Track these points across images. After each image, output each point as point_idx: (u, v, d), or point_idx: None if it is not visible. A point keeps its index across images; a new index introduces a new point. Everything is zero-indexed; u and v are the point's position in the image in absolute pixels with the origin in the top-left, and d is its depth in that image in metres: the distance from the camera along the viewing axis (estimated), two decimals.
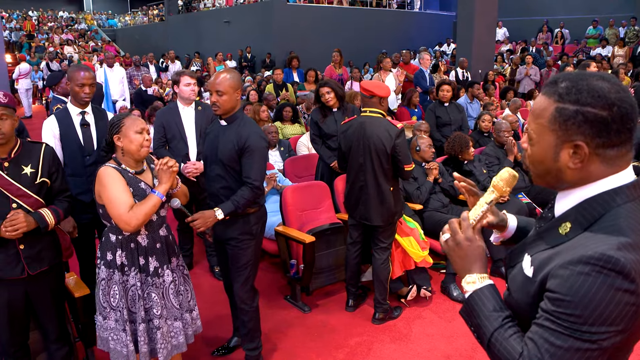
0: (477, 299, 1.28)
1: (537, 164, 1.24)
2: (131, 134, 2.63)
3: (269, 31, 16.98)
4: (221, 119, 3.14)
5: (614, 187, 1.15)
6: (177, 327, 2.82)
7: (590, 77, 1.15)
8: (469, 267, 1.33)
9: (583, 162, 1.15)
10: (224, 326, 3.73)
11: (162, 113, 4.51)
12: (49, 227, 2.70)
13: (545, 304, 1.12)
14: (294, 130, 6.82)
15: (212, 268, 4.80)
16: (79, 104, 3.59)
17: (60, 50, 20.73)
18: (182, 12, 23.82)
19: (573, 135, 1.14)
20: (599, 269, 1.04)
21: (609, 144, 1.13)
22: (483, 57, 10.98)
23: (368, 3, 19.42)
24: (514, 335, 1.20)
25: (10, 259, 2.64)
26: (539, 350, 1.11)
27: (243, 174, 3.06)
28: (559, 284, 1.09)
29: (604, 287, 1.04)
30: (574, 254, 1.09)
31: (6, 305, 2.71)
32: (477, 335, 1.28)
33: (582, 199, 1.18)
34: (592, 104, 1.11)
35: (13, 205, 2.61)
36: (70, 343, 3.08)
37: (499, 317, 1.23)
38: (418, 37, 18.75)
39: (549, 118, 1.17)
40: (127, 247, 2.70)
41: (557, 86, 1.17)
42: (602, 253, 1.05)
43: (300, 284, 4.18)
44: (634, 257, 1.04)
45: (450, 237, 1.37)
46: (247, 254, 3.16)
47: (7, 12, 28.32)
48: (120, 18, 33.45)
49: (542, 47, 15.43)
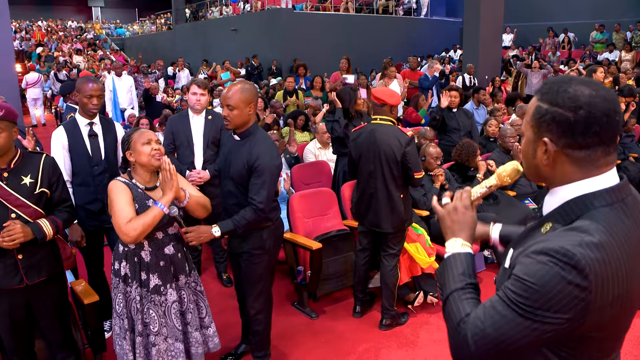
0: (453, 260, 1.37)
1: (524, 159, 1.33)
2: (139, 147, 2.67)
3: (276, 39, 17.06)
4: (235, 133, 3.09)
5: (593, 190, 1.21)
6: (178, 348, 2.78)
7: (574, 81, 1.21)
8: (457, 231, 1.41)
9: (549, 159, 1.23)
10: (233, 333, 3.74)
11: (173, 120, 4.56)
12: (47, 237, 2.70)
13: (506, 282, 1.21)
14: (304, 138, 6.86)
15: (220, 275, 4.82)
16: (87, 115, 3.63)
17: (69, 60, 20.90)
18: (189, 20, 24.01)
19: (544, 132, 1.22)
20: (556, 260, 1.11)
21: (575, 145, 1.19)
22: (490, 63, 10.98)
23: (374, 10, 19.46)
24: (469, 299, 1.28)
25: (8, 268, 2.66)
26: (484, 314, 1.20)
27: (249, 194, 2.97)
28: (520, 268, 1.17)
29: (556, 277, 1.11)
30: (539, 245, 1.17)
31: (7, 314, 2.73)
32: (442, 292, 1.36)
33: (564, 201, 1.24)
34: (560, 105, 1.18)
35: (12, 215, 2.62)
36: (77, 350, 3.10)
37: (463, 281, 1.32)
38: (425, 44, 18.76)
39: (531, 113, 1.26)
40: (131, 259, 2.72)
41: (544, 86, 1.26)
42: (562, 247, 1.12)
43: (307, 290, 4.19)
44: (594, 256, 1.10)
45: (450, 202, 1.45)
46: (260, 268, 3.14)
47: (18, 22, 28.60)
48: (128, 27, 33.70)
49: (548, 52, 15.39)
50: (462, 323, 1.24)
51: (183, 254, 2.87)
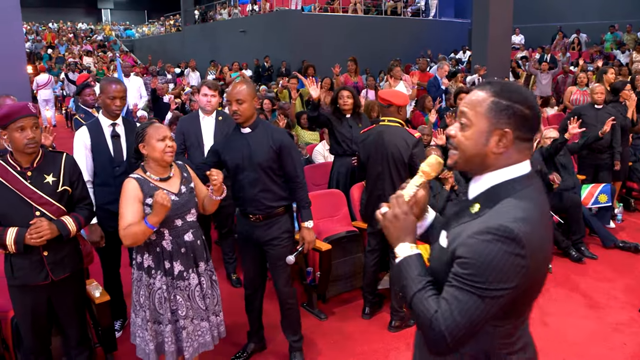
0: (406, 264, 1.49)
1: (468, 148, 1.47)
2: (154, 142, 2.73)
3: (285, 40, 17.09)
4: (243, 127, 3.21)
5: (514, 177, 1.43)
6: (204, 326, 2.92)
7: (515, 85, 1.47)
8: (403, 237, 1.52)
9: (506, 147, 1.42)
10: (242, 333, 3.75)
11: (184, 121, 4.59)
12: (71, 234, 2.77)
13: (455, 268, 1.36)
14: (313, 137, 6.87)
15: (230, 275, 4.83)
16: (110, 115, 3.66)
17: (80, 61, 21.04)
18: (198, 22, 24.09)
19: (503, 124, 1.41)
20: (498, 237, 1.30)
21: (524, 137, 1.43)
22: (499, 64, 10.93)
23: (383, 11, 19.45)
24: (432, 296, 1.41)
25: (34, 265, 2.72)
26: (449, 306, 1.34)
27: (289, 175, 3.24)
28: (466, 250, 1.34)
29: (501, 251, 1.29)
30: (480, 226, 1.35)
31: (30, 311, 2.79)
32: (403, 295, 1.49)
33: (490, 185, 1.46)
34: (520, 103, 1.41)
35: (36, 214, 2.68)
36: (90, 348, 3.14)
37: (422, 281, 1.44)
38: (433, 45, 18.70)
39: (486, 107, 1.43)
40: (153, 250, 2.79)
41: (491, 85, 1.46)
42: (501, 224, 1.31)
43: (316, 291, 4.20)
44: (526, 229, 1.31)
45: (389, 211, 1.56)
46: (288, 250, 3.30)
47: (29, 24, 28.82)
48: (137, 29, 33.90)
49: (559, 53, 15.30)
50: (433, 320, 1.36)
51: (202, 242, 2.96)
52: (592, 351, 3.66)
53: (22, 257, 2.69)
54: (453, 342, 1.35)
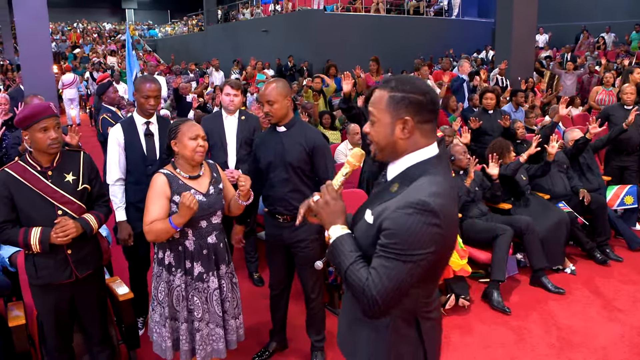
0: (339, 243, 1.67)
1: (380, 140, 1.68)
2: (186, 140, 2.74)
3: (306, 40, 17.11)
4: (278, 126, 3.22)
5: (425, 158, 1.64)
6: (218, 333, 2.88)
7: (410, 77, 1.69)
8: (334, 220, 1.71)
9: (410, 132, 1.62)
10: (264, 331, 3.77)
11: (206, 120, 4.59)
12: (93, 231, 2.80)
13: (381, 240, 1.55)
14: (335, 137, 6.87)
15: (252, 274, 4.85)
16: (144, 114, 3.67)
17: (104, 61, 21.31)
18: (220, 22, 24.24)
19: (402, 113, 1.61)
20: (417, 210, 1.50)
21: (424, 120, 1.63)
22: (522, 64, 10.80)
23: (405, 11, 19.37)
24: (363, 267, 1.59)
25: (59, 263, 2.74)
26: (378, 274, 1.53)
27: (320, 176, 3.20)
28: (390, 222, 1.53)
29: (420, 222, 1.49)
30: (400, 202, 1.54)
31: (53, 309, 2.81)
32: (338, 271, 1.66)
33: (406, 167, 1.65)
34: (414, 92, 1.61)
35: (58, 212, 2.70)
36: (112, 345, 3.16)
37: (353, 255, 1.62)
38: (456, 44, 18.58)
39: (385, 103, 1.64)
40: (175, 249, 2.79)
41: (388, 83, 1.66)
42: (419, 199, 1.51)
43: (338, 291, 4.19)
44: (440, 202, 1.51)
45: (320, 198, 1.74)
46: (317, 253, 3.27)
47: (54, 24, 29.28)
48: (160, 29, 34.21)
49: (584, 52, 15.07)
50: (365, 287, 1.54)
51: (225, 244, 2.95)
52: (617, 356, 3.60)
53: (46, 256, 2.70)
54: (384, 305, 1.54)
